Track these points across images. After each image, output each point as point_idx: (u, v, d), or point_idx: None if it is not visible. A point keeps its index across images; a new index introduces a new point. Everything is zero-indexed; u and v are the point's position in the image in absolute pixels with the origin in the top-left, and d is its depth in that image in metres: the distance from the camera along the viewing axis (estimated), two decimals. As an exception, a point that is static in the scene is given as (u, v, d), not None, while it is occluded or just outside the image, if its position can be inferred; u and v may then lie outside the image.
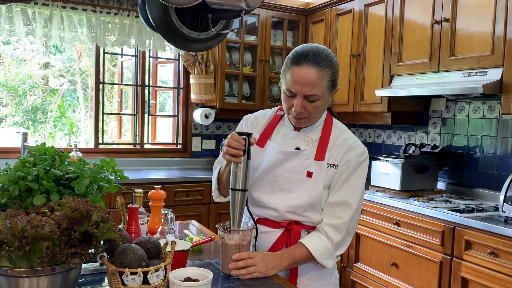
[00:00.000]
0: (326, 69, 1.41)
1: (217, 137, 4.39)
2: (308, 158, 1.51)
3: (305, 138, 1.55)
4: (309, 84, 1.40)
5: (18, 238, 0.99)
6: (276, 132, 1.60)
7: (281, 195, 1.52)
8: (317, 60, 1.40)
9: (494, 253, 2.27)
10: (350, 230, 1.51)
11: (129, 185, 3.06)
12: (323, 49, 1.45)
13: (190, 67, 3.99)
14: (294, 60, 1.43)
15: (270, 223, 1.55)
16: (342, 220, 1.48)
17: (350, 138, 1.55)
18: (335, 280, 1.64)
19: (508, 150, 2.88)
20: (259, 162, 1.56)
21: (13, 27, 3.39)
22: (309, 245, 1.46)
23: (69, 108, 8.20)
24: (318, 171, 1.50)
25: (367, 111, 3.52)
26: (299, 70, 1.40)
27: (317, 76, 1.40)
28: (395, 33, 3.23)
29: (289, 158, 1.52)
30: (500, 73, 2.50)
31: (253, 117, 1.68)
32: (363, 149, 1.54)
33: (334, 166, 1.50)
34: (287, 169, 1.52)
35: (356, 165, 1.51)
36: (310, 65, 1.40)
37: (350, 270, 3.24)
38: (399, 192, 2.95)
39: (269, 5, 4.04)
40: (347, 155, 1.51)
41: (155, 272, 1.13)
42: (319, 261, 1.47)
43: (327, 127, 1.56)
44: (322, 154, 1.51)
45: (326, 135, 1.54)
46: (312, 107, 1.45)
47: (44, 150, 1.42)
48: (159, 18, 1.70)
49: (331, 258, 1.49)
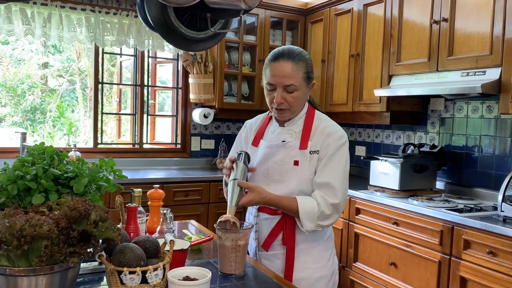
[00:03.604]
0: (300, 62, 1.62)
1: (216, 137, 4.39)
2: (293, 149, 1.67)
3: (289, 131, 1.71)
4: (286, 75, 1.60)
5: (16, 237, 0.99)
6: (267, 131, 1.79)
7: (274, 186, 1.67)
8: (291, 56, 1.62)
9: (493, 252, 2.27)
10: (337, 208, 1.61)
11: (128, 184, 3.06)
12: (296, 48, 1.67)
13: (189, 67, 3.99)
14: (271, 58, 1.65)
15: (268, 210, 1.70)
16: (332, 200, 1.60)
17: (329, 125, 1.70)
18: (332, 265, 1.74)
19: (507, 150, 2.88)
20: (255, 159, 1.75)
21: (12, 27, 3.39)
22: (300, 200, 1.60)
23: (68, 108, 8.20)
24: (303, 159, 1.66)
25: (366, 111, 3.52)
26: (276, 65, 1.62)
27: (292, 68, 1.61)
28: (394, 33, 3.23)
29: (277, 151, 1.70)
30: (498, 73, 2.51)
31: (248, 124, 1.89)
32: (341, 133, 1.69)
33: (316, 152, 1.66)
34: (277, 161, 1.69)
35: (335, 148, 1.65)
36: (286, 59, 1.61)
37: (349, 269, 3.24)
38: (398, 192, 2.96)
39: (268, 5, 4.04)
40: (326, 140, 1.66)
41: (153, 271, 1.13)
42: (300, 216, 1.58)
43: (309, 118, 1.72)
44: (305, 143, 1.67)
45: (308, 126, 1.70)
46: (292, 98, 1.63)
47: (43, 149, 1.42)
48: (158, 18, 1.70)
49: (312, 222, 1.59)
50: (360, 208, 3.13)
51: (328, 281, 1.71)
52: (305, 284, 1.65)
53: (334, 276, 1.75)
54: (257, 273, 1.49)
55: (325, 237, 1.73)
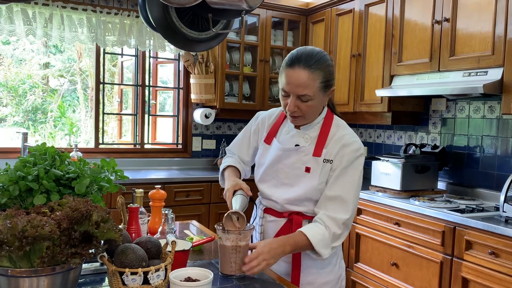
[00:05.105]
0: (317, 71, 1.50)
1: (217, 137, 4.39)
2: (306, 155, 1.60)
3: (304, 136, 1.63)
4: (300, 85, 1.50)
5: (18, 238, 0.98)
6: (281, 130, 1.71)
7: (282, 189, 1.63)
8: (309, 63, 1.50)
9: (495, 253, 2.27)
10: (347, 223, 1.55)
11: (129, 185, 3.06)
12: (317, 52, 1.54)
13: (190, 67, 3.99)
14: (288, 63, 1.53)
15: (274, 213, 1.66)
16: (340, 215, 1.53)
17: (346, 134, 1.61)
18: (339, 269, 1.70)
19: (509, 150, 2.88)
20: (266, 158, 1.69)
21: (13, 27, 3.39)
22: (308, 232, 1.51)
23: (69, 108, 8.21)
24: (315, 167, 1.58)
25: (367, 111, 3.52)
26: (291, 72, 1.51)
27: (308, 78, 1.49)
28: (395, 33, 3.23)
29: (289, 155, 1.63)
30: (500, 73, 2.50)
31: (260, 117, 1.79)
32: (358, 145, 1.60)
33: (329, 162, 1.58)
34: (287, 165, 1.62)
35: (350, 160, 1.56)
36: (302, 67, 1.50)
37: (350, 270, 3.23)
38: (399, 192, 2.95)
39: (269, 5, 4.04)
40: (342, 150, 1.57)
41: (155, 272, 1.13)
42: (317, 249, 1.51)
43: (327, 124, 1.63)
44: (319, 151, 1.59)
45: (324, 132, 1.62)
46: (306, 106, 1.54)
47: (44, 150, 1.42)
48: (160, 18, 1.70)
49: (328, 247, 1.53)
50: (362, 209, 3.13)
51: (334, 286, 1.67)
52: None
53: (341, 281, 1.70)
54: (258, 274, 1.48)
55: None
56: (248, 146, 1.81)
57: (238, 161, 1.81)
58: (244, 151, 1.81)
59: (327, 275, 1.64)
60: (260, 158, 1.72)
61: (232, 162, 1.79)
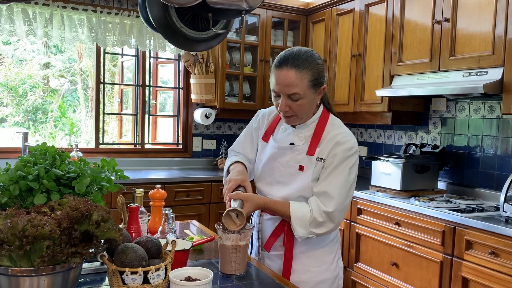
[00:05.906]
0: (305, 69, 1.53)
1: (218, 137, 4.39)
2: (300, 153, 1.63)
3: (299, 134, 1.66)
4: (289, 84, 1.52)
5: (18, 238, 0.99)
6: (278, 128, 1.73)
7: (277, 187, 1.66)
8: (296, 63, 1.52)
9: (495, 253, 2.27)
10: (331, 217, 1.55)
11: (130, 185, 3.06)
12: (304, 52, 1.56)
13: (190, 67, 3.99)
14: (276, 64, 1.56)
15: None
16: (326, 208, 1.54)
17: (340, 133, 1.62)
18: (336, 268, 1.70)
19: (509, 150, 2.88)
20: (263, 156, 1.72)
21: (13, 27, 3.39)
22: (293, 205, 1.57)
23: (70, 108, 8.21)
24: (308, 165, 1.61)
25: (368, 111, 3.52)
26: (279, 73, 1.54)
27: (296, 77, 1.52)
28: (395, 33, 3.23)
29: (284, 153, 1.66)
30: (500, 73, 2.50)
31: (261, 114, 1.82)
32: (351, 144, 1.60)
33: (322, 160, 1.60)
34: (282, 163, 1.65)
35: (341, 159, 1.57)
36: (289, 67, 1.52)
37: (350, 270, 3.23)
38: (399, 192, 2.95)
39: (269, 5, 4.04)
40: (334, 149, 1.58)
41: (155, 271, 1.13)
42: (292, 223, 1.55)
43: (321, 123, 1.65)
44: (313, 149, 1.61)
45: (319, 131, 1.63)
46: (297, 106, 1.56)
47: (44, 149, 1.42)
48: (160, 18, 1.70)
49: (304, 228, 1.55)
50: (362, 209, 3.13)
51: (330, 285, 1.66)
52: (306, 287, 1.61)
53: (338, 280, 1.70)
54: (259, 274, 1.48)
55: (329, 239, 1.68)
56: (252, 144, 1.81)
57: (245, 159, 1.80)
58: (248, 149, 1.81)
59: (323, 274, 1.65)
60: (258, 155, 1.75)
61: (239, 159, 1.78)
